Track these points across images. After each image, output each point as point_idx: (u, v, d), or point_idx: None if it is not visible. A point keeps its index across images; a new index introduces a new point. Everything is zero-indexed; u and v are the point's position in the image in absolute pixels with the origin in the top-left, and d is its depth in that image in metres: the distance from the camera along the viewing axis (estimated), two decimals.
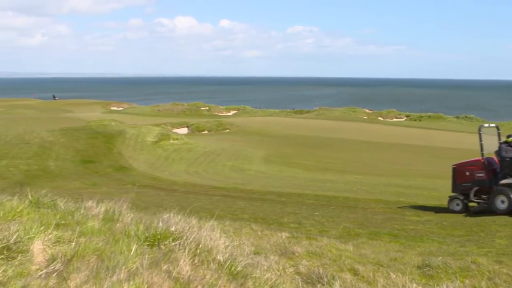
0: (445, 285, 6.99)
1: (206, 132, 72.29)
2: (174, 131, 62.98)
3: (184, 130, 72.43)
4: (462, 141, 60.10)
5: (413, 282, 7.12)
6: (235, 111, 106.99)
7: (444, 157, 46.93)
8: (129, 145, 45.90)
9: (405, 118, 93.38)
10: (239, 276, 4.86)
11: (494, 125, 21.13)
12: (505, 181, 17.91)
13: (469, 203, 19.12)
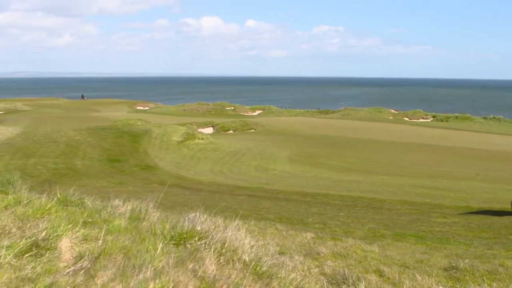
0: None
1: (231, 131, 72.49)
2: (200, 130, 63.29)
3: (210, 130, 72.75)
4: (490, 142, 59.48)
5: (439, 284, 7.04)
6: (260, 111, 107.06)
7: (471, 158, 46.45)
8: (155, 145, 46.23)
9: (431, 118, 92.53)
10: (264, 276, 4.86)
11: None
12: None
13: None
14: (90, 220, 5.51)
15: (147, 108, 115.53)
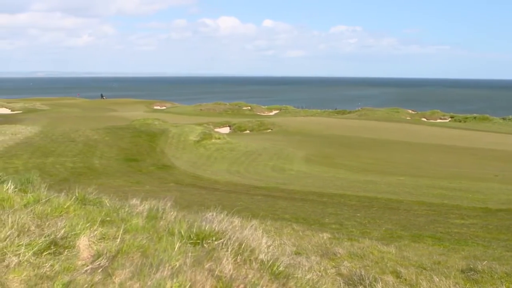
0: None
1: (248, 131, 72.51)
2: (216, 130, 63.39)
3: (226, 130, 72.86)
4: (509, 143, 58.97)
5: (457, 286, 7.01)
6: (277, 111, 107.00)
7: (489, 159, 46.08)
8: (171, 144, 46.40)
9: (449, 119, 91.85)
10: (281, 276, 4.86)
11: None
12: None
13: None
14: (108, 219, 5.54)
15: (164, 107, 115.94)
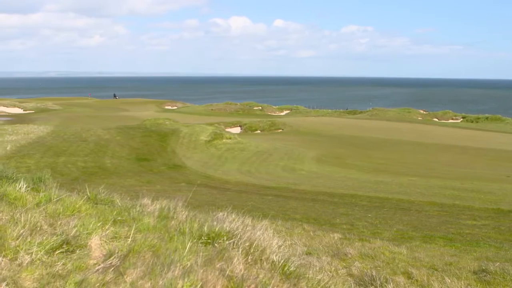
0: None
1: (259, 131, 72.54)
2: (227, 130, 63.45)
3: (237, 130, 72.90)
4: None
5: (469, 287, 6.97)
6: (288, 111, 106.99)
7: (501, 160, 45.80)
8: (182, 144, 46.49)
9: (461, 119, 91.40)
10: (292, 276, 4.86)
11: None
12: None
13: None
14: (119, 218, 5.57)
15: (175, 107, 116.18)
